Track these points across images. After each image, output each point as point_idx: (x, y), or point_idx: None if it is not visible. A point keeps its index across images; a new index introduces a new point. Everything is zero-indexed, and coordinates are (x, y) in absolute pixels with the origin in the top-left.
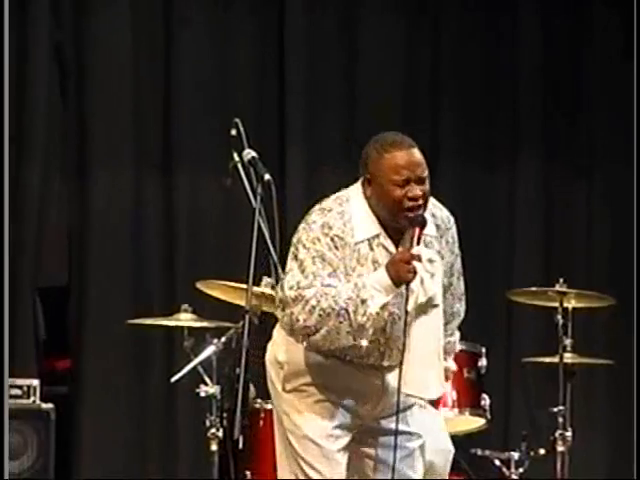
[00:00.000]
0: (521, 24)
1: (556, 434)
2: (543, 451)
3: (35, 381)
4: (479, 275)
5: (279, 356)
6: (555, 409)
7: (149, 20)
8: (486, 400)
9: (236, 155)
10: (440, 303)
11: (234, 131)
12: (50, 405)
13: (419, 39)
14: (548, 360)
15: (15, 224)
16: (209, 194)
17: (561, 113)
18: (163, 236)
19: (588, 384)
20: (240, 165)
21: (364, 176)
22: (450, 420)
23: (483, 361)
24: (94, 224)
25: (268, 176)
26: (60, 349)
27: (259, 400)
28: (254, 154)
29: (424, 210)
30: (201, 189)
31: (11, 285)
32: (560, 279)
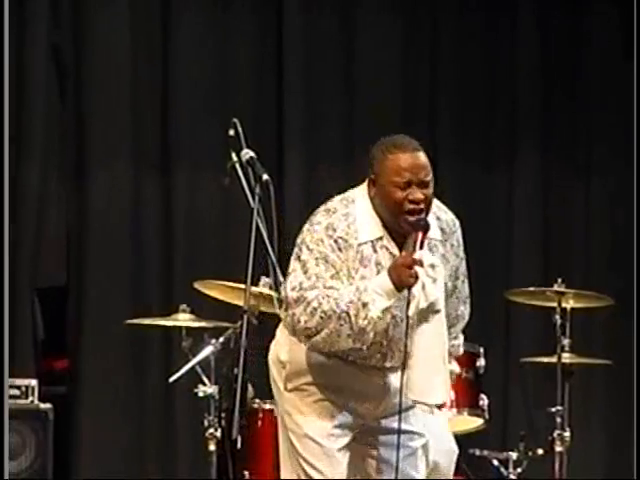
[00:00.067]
0: (520, 24)
1: (554, 434)
2: (541, 451)
3: (33, 381)
4: (477, 275)
5: (281, 355)
6: (553, 409)
7: (147, 20)
8: (484, 400)
9: (234, 155)
10: (442, 308)
11: (232, 131)
12: (48, 405)
13: (417, 39)
14: (546, 360)
15: (14, 224)
16: (207, 194)
17: (560, 113)
18: (161, 236)
19: (586, 384)
20: (238, 165)
21: (369, 176)
22: (448, 420)
23: (481, 361)
24: (92, 224)
25: (266, 176)
26: (58, 349)
27: (257, 400)
28: (252, 154)
29: (426, 214)
30: (199, 189)
31: (10, 285)
32: (558, 279)
